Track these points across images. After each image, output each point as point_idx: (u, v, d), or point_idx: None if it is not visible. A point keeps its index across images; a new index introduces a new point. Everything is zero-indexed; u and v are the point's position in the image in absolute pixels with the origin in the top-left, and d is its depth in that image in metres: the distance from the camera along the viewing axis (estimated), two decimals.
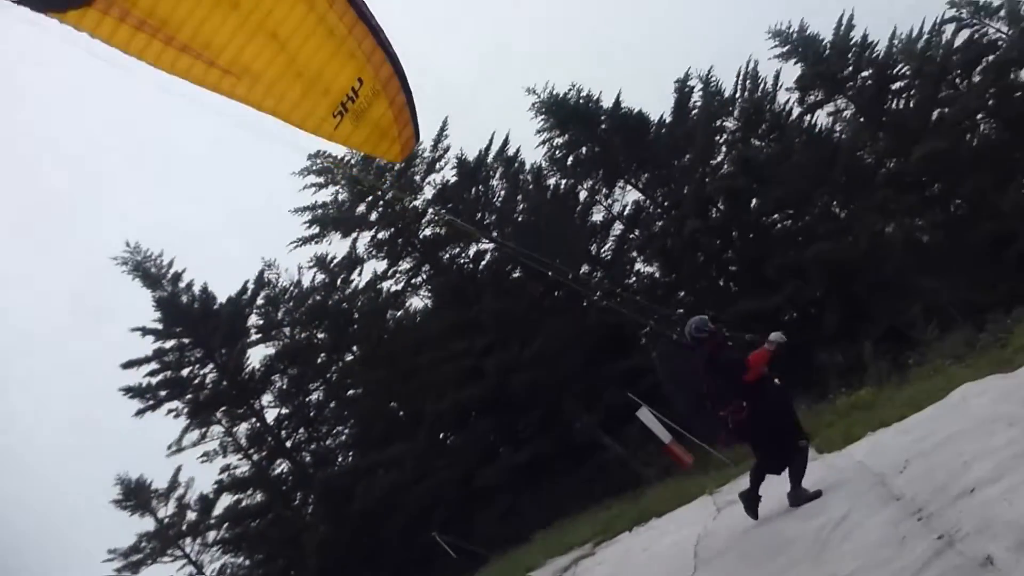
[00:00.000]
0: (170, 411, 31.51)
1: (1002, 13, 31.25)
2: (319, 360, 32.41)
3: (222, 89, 7.25)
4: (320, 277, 32.08)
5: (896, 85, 32.11)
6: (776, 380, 9.03)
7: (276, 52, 7.17)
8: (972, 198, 29.14)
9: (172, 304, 31.89)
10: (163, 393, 31.50)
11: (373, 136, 7.84)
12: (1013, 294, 21.84)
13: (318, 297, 32.02)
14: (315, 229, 30.90)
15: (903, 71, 32.02)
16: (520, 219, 31.33)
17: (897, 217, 28.96)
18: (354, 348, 32.22)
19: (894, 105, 32.10)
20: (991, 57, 31.33)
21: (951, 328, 21.02)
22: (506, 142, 31.69)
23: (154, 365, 31.57)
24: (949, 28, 31.81)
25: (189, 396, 31.75)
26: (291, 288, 32.45)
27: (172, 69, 7.09)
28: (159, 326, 31.78)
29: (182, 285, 32.38)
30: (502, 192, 31.73)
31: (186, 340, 31.96)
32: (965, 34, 31.74)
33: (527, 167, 32.00)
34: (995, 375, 10.74)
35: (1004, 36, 31.27)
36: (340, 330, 31.75)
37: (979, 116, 31.51)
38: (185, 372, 32.01)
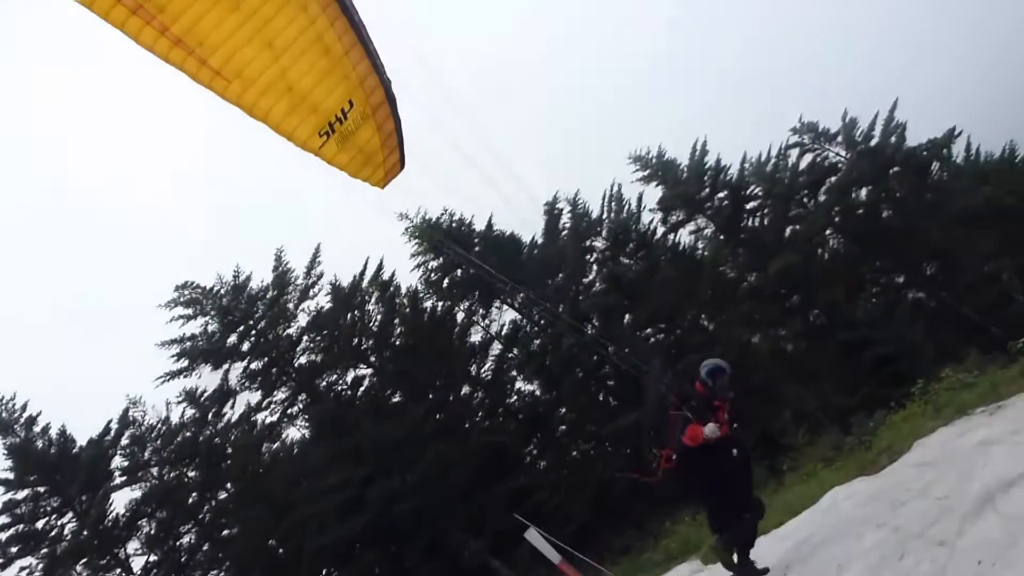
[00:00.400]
0: (22, 569, 28.55)
1: (840, 139, 34.28)
2: (190, 500, 30.34)
3: (214, 88, 6.96)
4: (190, 412, 30.43)
5: (750, 205, 34.32)
6: (735, 451, 8.78)
7: (269, 61, 6.96)
8: (827, 308, 31.00)
9: (25, 451, 29.46)
10: (14, 549, 28.64)
11: (358, 160, 7.70)
12: (873, 397, 23.06)
13: (188, 433, 30.24)
14: (184, 362, 29.62)
15: (755, 192, 34.33)
16: (398, 342, 31.06)
17: (762, 328, 30.40)
18: (228, 485, 30.46)
19: (750, 223, 34.18)
20: (833, 178, 34.11)
21: (820, 432, 21.84)
22: (380, 267, 31.74)
23: (4, 519, 28.87)
24: (794, 152, 34.65)
25: (45, 550, 28.95)
26: (159, 425, 30.59)
27: (167, 58, 6.78)
28: (10, 476, 29.25)
29: (37, 429, 30.05)
30: (379, 317, 31.47)
31: (41, 489, 29.43)
32: (809, 158, 34.64)
33: (403, 291, 32.00)
34: (861, 477, 11.13)
35: (843, 159, 34.19)
36: (212, 467, 30.01)
37: (827, 232, 33.93)
38: (40, 524, 29.33)
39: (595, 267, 33.20)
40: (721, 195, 33.97)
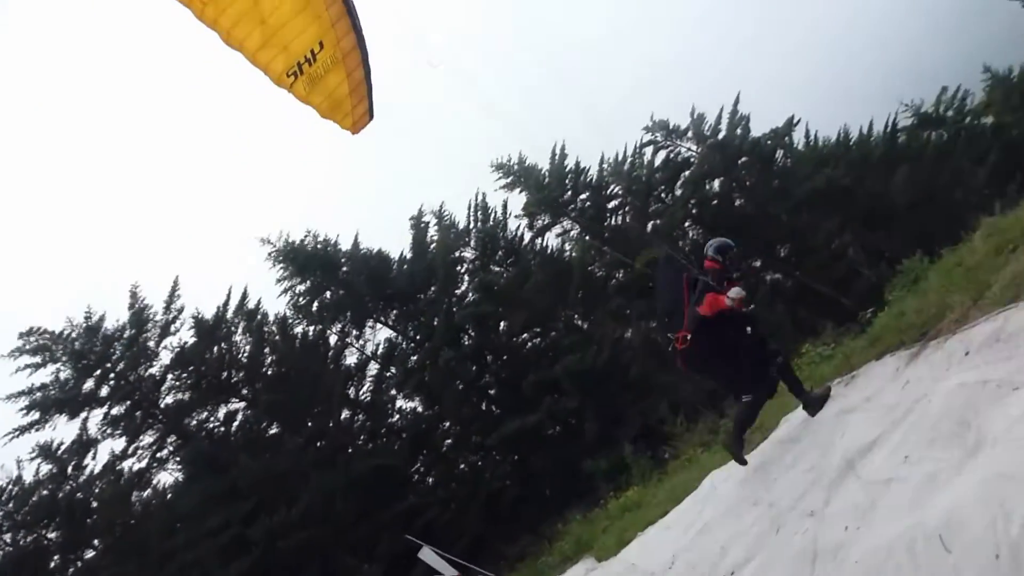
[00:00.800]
0: None
1: (690, 134, 35.57)
2: (52, 564, 28.09)
3: (192, 8, 6.42)
4: (46, 468, 28.25)
5: (612, 204, 35.24)
6: (748, 328, 8.56)
7: None
8: None
9: None
10: None
11: (327, 104, 7.35)
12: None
13: (45, 491, 28.12)
14: (35, 415, 27.54)
15: (616, 191, 35.22)
16: (270, 372, 30.01)
17: (633, 322, 31.04)
18: (95, 542, 28.49)
19: (613, 221, 35.03)
20: (687, 172, 35.35)
21: (696, 418, 22.40)
22: (245, 295, 30.61)
23: None
24: (648, 150, 35.80)
25: None
26: (9, 487, 28.27)
27: None
28: None
29: None
30: (247, 347, 30.30)
31: None
32: (663, 154, 35.82)
33: (271, 318, 30.94)
34: None
35: (695, 153, 35.48)
36: (76, 525, 27.90)
37: (687, 224, 35.12)
38: None
39: (466, 277, 33.14)
40: (583, 196, 34.71)
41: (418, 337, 31.77)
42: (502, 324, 31.90)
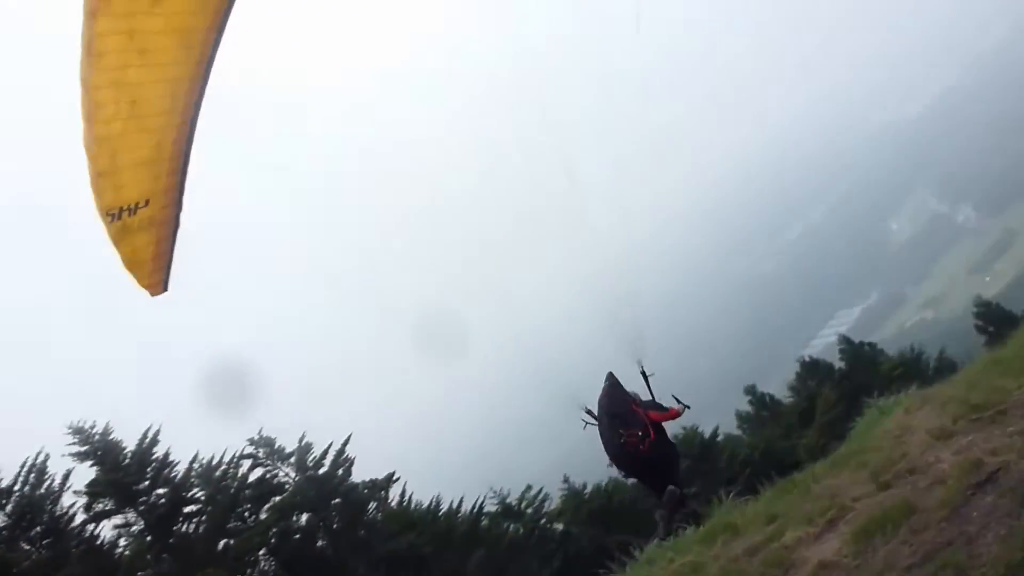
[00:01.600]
0: None
1: (292, 460, 34.64)
2: None
3: (81, 87, 6.44)
4: None
5: (189, 508, 32.20)
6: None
7: (118, 112, 6.69)
8: None
9: None
10: None
11: (131, 258, 7.57)
12: None
13: None
14: None
15: (198, 495, 32.50)
16: None
17: None
18: None
19: (184, 528, 31.81)
20: (278, 498, 33.85)
21: None
22: None
23: None
24: (246, 463, 34.00)
25: None
26: None
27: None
28: None
29: None
30: None
31: None
32: (259, 472, 34.16)
33: None
34: None
35: (292, 480, 34.33)
36: None
37: (261, 552, 32.81)
38: None
39: None
40: (160, 491, 31.37)
41: None
42: None
